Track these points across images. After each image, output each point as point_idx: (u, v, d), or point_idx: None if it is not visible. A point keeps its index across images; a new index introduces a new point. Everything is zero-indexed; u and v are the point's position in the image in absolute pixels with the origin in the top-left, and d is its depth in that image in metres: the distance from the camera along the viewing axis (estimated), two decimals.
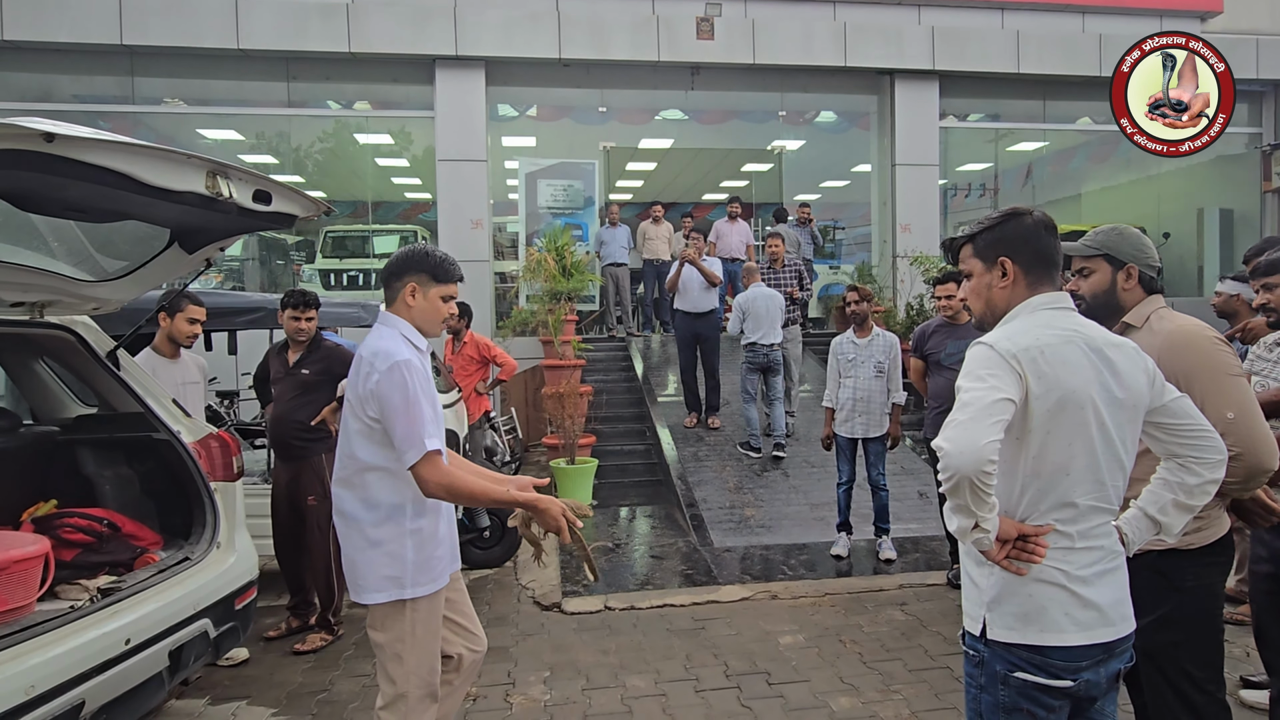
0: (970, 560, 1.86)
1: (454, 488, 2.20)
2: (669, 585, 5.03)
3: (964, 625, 1.88)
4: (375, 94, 11.21)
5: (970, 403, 1.63)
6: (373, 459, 2.26)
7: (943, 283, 4.96)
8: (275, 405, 4.28)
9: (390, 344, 2.26)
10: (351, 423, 2.30)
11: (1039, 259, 1.84)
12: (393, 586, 2.27)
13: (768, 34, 10.44)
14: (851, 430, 5.29)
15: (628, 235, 10.56)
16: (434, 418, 2.24)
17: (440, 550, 2.39)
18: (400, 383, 2.18)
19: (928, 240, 10.73)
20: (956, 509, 1.64)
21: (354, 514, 2.30)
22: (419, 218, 15.79)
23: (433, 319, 2.39)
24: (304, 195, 2.94)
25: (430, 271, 2.35)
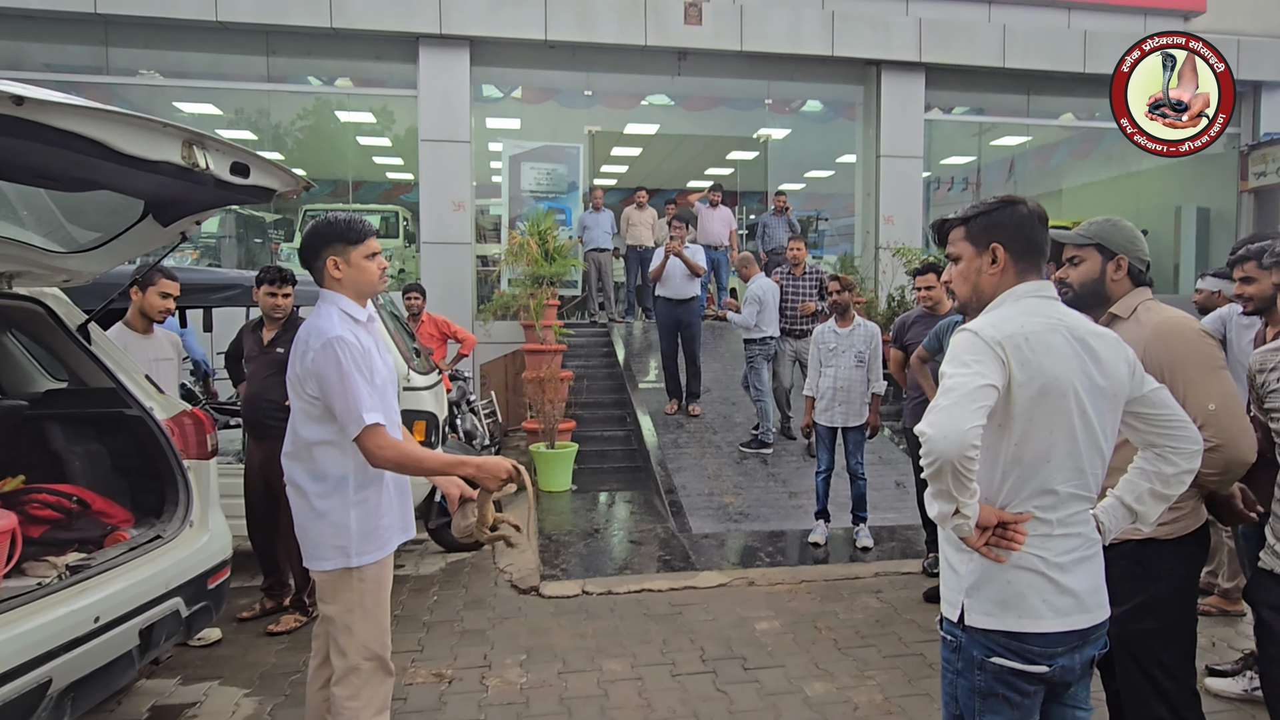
0: (949, 546, 1.87)
1: (400, 458, 2.26)
2: (647, 570, 5.04)
3: (942, 611, 1.89)
4: (357, 71, 11.03)
5: (954, 388, 1.63)
6: (316, 435, 2.32)
7: (923, 274, 4.97)
8: (249, 384, 4.22)
9: (324, 321, 2.30)
10: (294, 401, 2.35)
11: (1030, 248, 1.84)
12: (339, 555, 2.33)
13: (756, 21, 10.39)
14: (831, 419, 5.31)
15: (611, 220, 10.51)
16: (372, 391, 2.27)
17: (386, 519, 2.43)
18: (333, 359, 2.22)
19: (910, 232, 10.78)
20: (938, 494, 1.65)
21: (302, 485, 2.36)
22: (400, 198, 15.62)
23: (366, 281, 2.40)
24: (283, 169, 2.88)
25: (341, 237, 2.36)
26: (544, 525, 5.98)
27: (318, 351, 2.23)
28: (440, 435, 5.12)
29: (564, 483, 6.91)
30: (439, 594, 4.71)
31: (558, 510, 6.40)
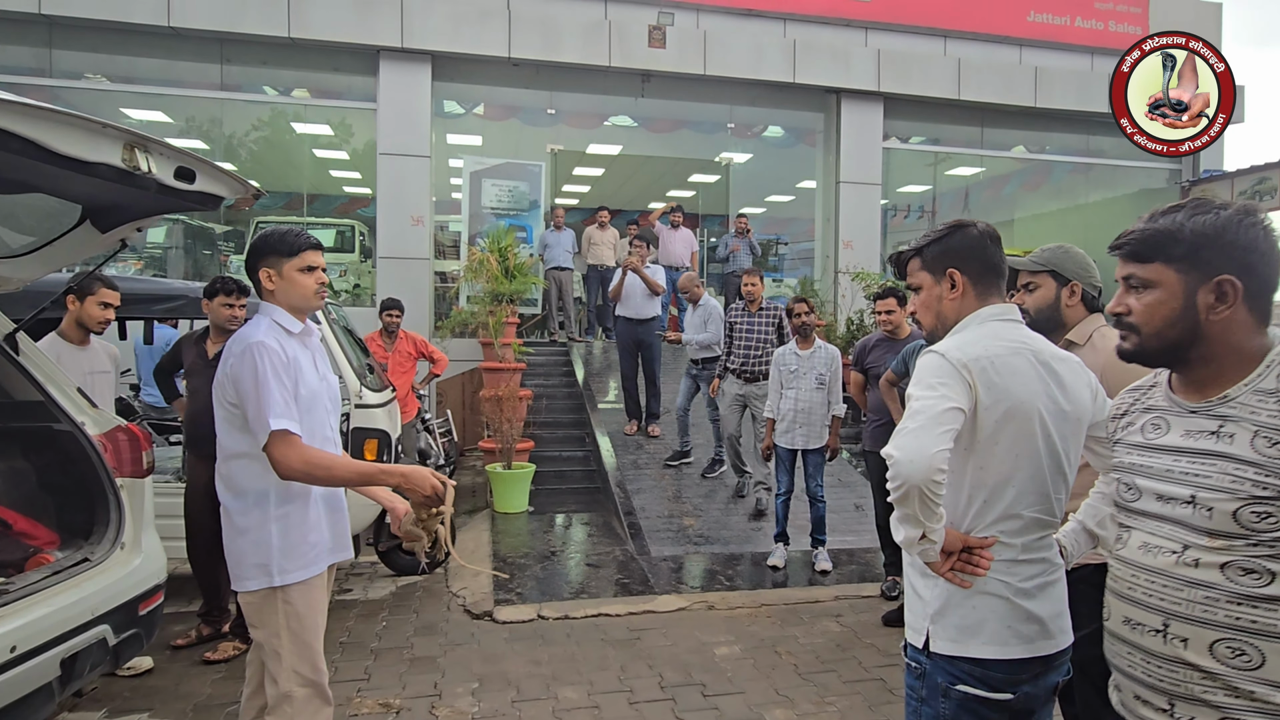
0: (914, 572, 1.83)
1: (309, 464, 2.16)
2: (604, 594, 4.94)
3: (906, 637, 1.86)
4: (315, 82, 10.86)
5: (920, 411, 1.61)
6: (236, 446, 2.27)
7: (883, 298, 5.01)
8: (192, 400, 4.03)
9: (250, 330, 2.27)
10: (218, 410, 2.30)
11: (986, 270, 1.83)
12: (261, 575, 2.25)
13: (719, 46, 10.52)
14: (791, 441, 5.30)
15: (572, 239, 10.47)
16: (288, 399, 2.19)
17: (313, 536, 2.33)
18: (250, 364, 2.17)
19: (869, 257, 10.95)
20: (904, 519, 1.61)
21: (227, 503, 2.32)
22: (357, 212, 15.39)
23: (300, 294, 2.34)
24: (232, 176, 2.77)
25: (275, 250, 2.32)
26: (499, 548, 5.85)
27: (238, 356, 2.19)
28: (393, 454, 4.97)
29: (521, 504, 6.78)
30: (388, 619, 4.55)
31: (514, 532, 6.26)
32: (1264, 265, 1.34)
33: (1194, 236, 1.35)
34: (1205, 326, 1.36)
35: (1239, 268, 1.33)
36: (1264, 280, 1.35)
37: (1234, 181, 11.28)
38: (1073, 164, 12.79)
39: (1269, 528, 1.26)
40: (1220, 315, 1.34)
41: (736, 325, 6.31)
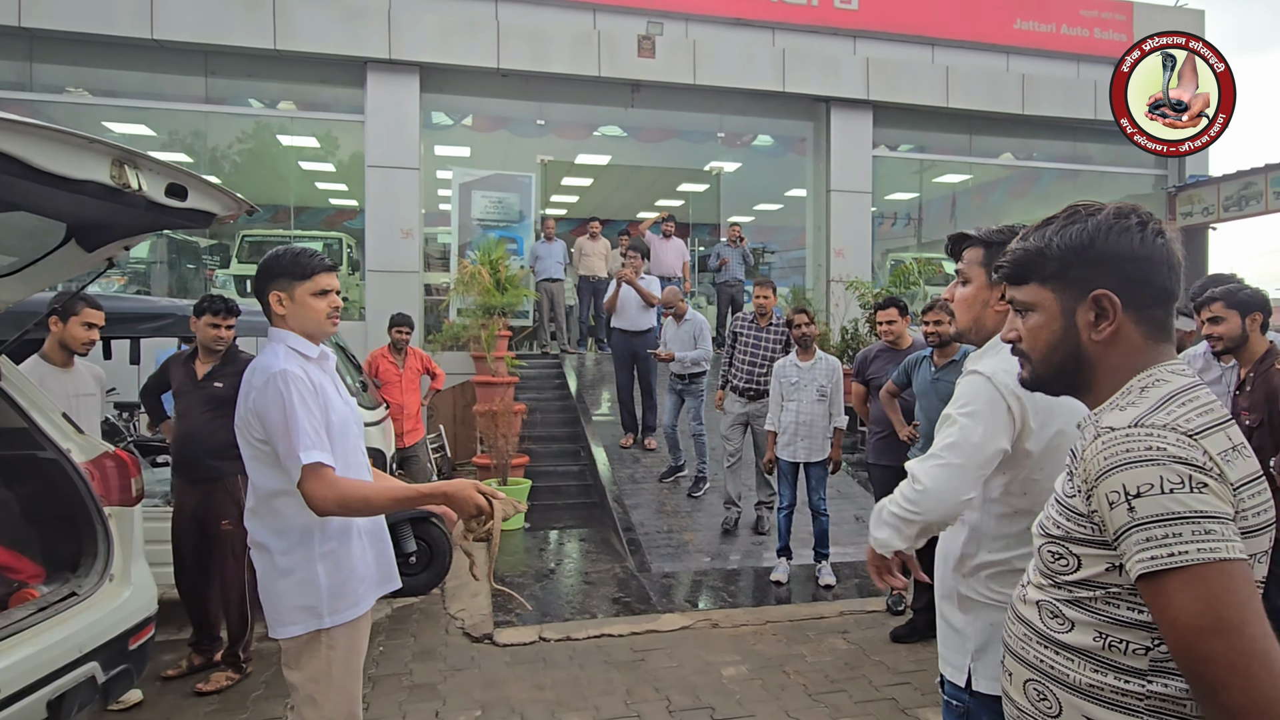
0: (950, 606, 1.76)
1: (344, 499, 2.00)
2: (606, 614, 4.83)
3: (943, 672, 1.78)
4: (301, 94, 10.74)
5: (962, 446, 1.54)
6: (271, 483, 2.09)
7: (884, 308, 4.96)
8: (180, 421, 3.91)
9: (268, 358, 2.11)
10: (245, 449, 2.12)
11: None
12: (308, 617, 2.09)
13: (708, 55, 10.50)
14: (794, 454, 5.23)
15: (563, 250, 10.38)
16: (319, 428, 2.05)
17: (360, 572, 2.18)
18: (276, 396, 2.02)
19: (860, 265, 10.94)
20: (897, 532, 1.57)
21: (265, 543, 2.13)
22: (344, 225, 15.25)
23: (313, 319, 2.18)
24: (224, 191, 2.67)
25: (286, 273, 2.16)
26: (496, 566, 5.72)
27: (259, 389, 2.03)
28: (388, 472, 4.85)
29: (517, 520, 6.66)
30: (385, 643, 4.42)
31: (511, 550, 6.15)
32: (1148, 272, 1.17)
33: (1062, 251, 1.21)
34: (1089, 348, 1.21)
35: (1117, 280, 1.17)
36: (1152, 290, 1.18)
37: (1219, 187, 11.37)
38: (1060, 170, 12.85)
39: (1060, 569, 1.16)
40: (1103, 334, 1.19)
41: (741, 337, 5.97)
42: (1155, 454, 1.02)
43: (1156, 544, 0.99)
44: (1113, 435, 1.07)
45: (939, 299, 4.44)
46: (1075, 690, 1.14)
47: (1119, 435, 1.06)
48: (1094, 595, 1.12)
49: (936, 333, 4.27)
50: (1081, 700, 1.13)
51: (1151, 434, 1.04)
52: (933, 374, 4.29)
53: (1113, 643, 1.10)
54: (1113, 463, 1.05)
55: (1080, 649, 1.14)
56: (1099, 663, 1.11)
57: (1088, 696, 1.13)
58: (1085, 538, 1.12)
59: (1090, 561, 1.12)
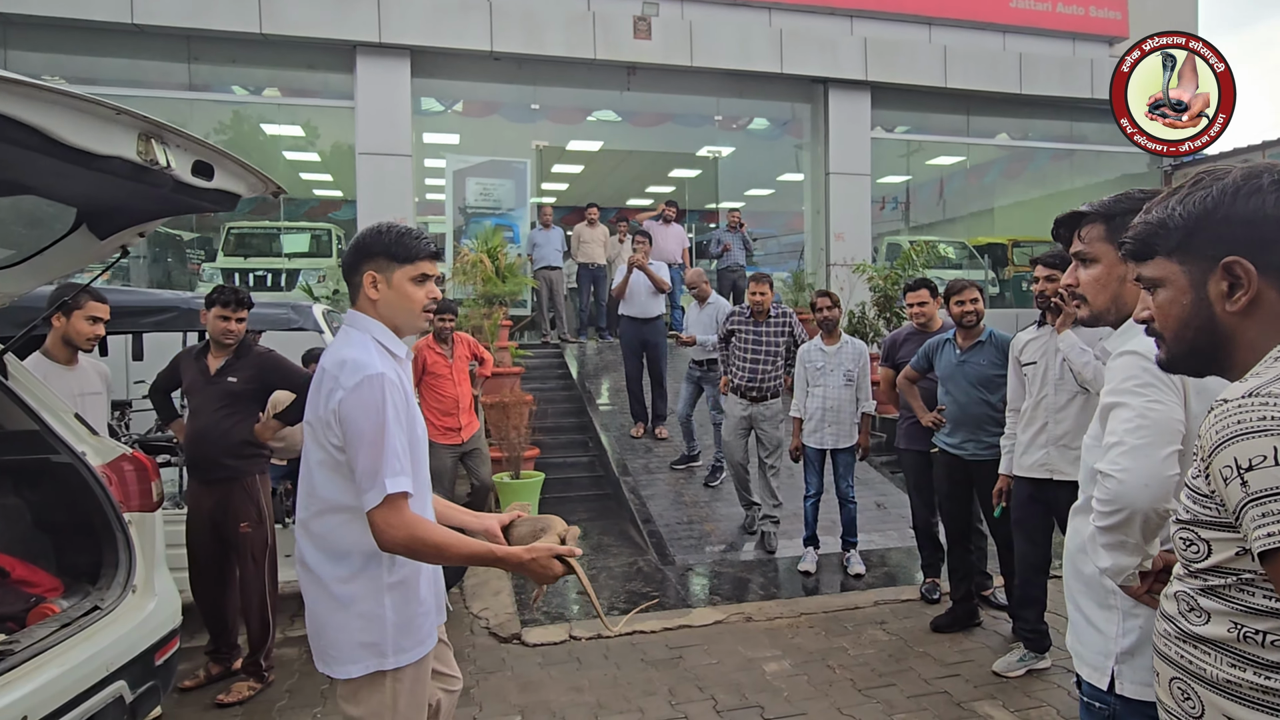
0: (1089, 601, 1.62)
1: (416, 541, 1.72)
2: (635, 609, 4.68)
3: (1079, 671, 1.64)
4: (288, 80, 10.44)
5: (1142, 424, 1.39)
6: (339, 497, 1.80)
7: (915, 289, 4.83)
8: (194, 419, 3.70)
9: (359, 352, 1.79)
10: (313, 451, 1.83)
11: None
12: (370, 656, 1.82)
13: (705, 36, 10.30)
14: (821, 441, 5.10)
15: (561, 238, 10.18)
16: (406, 450, 1.79)
17: (427, 604, 1.93)
18: (372, 403, 1.73)
19: (860, 248, 10.84)
20: (1118, 546, 1.40)
21: (318, 567, 1.83)
22: (329, 216, 14.93)
23: (408, 310, 1.90)
24: (252, 170, 2.48)
25: (386, 252, 1.87)
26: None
27: (350, 391, 1.74)
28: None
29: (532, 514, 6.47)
30: None
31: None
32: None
33: (1185, 220, 1.13)
34: (1224, 322, 1.11)
35: (1249, 245, 1.08)
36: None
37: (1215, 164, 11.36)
38: (1056, 150, 12.80)
39: (1192, 556, 1.09)
40: (1238, 305, 1.09)
41: (738, 334, 5.56)
42: (1268, 423, 0.94)
43: (1273, 519, 0.92)
44: (1225, 407, 1.01)
45: (964, 281, 4.31)
46: (1214, 687, 1.06)
47: (1231, 407, 1.00)
48: (1226, 583, 1.06)
49: (975, 311, 4.15)
50: (1221, 698, 1.05)
51: (1266, 403, 0.96)
52: (958, 356, 4.17)
53: (1248, 634, 1.03)
54: (1224, 435, 0.98)
55: (1216, 642, 1.06)
56: (1236, 656, 1.04)
57: (1227, 694, 1.05)
58: (1211, 520, 1.05)
59: (1220, 546, 1.05)
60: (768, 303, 5.52)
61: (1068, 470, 3.56)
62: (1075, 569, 1.68)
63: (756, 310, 5.51)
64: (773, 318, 5.52)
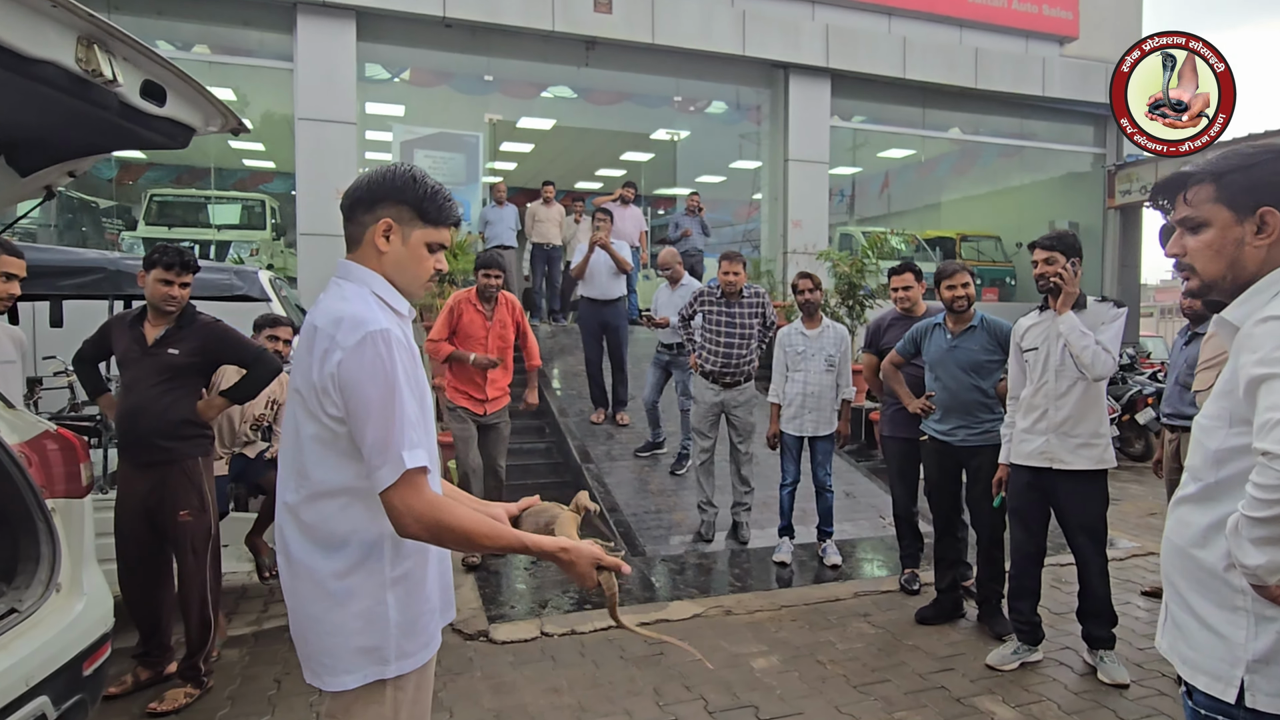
0: (1203, 602, 1.44)
1: (441, 525, 1.46)
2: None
3: (1193, 682, 1.47)
4: (219, 38, 9.73)
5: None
6: (336, 478, 1.52)
7: (899, 273, 4.70)
8: (127, 394, 3.27)
9: (359, 307, 1.52)
10: (304, 424, 1.53)
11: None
12: (370, 663, 1.55)
13: (667, 13, 10.03)
14: (800, 428, 4.94)
15: (515, 216, 9.80)
16: (422, 418, 1.53)
17: (433, 600, 1.66)
18: (376, 364, 1.46)
19: (818, 237, 10.77)
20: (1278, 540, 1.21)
21: (307, 560, 1.54)
22: (261, 187, 14.16)
23: (415, 277, 1.64)
24: (211, 99, 2.11)
25: (415, 205, 1.59)
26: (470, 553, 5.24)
27: (350, 351, 1.45)
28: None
29: None
30: None
31: None
32: None
33: None
34: None
35: None
36: None
37: (1157, 165, 11.69)
38: (1005, 146, 13.01)
39: None
40: None
41: (708, 316, 5.28)
42: None
43: None
44: None
45: (955, 263, 4.19)
46: None
47: None
48: None
49: (966, 296, 4.02)
50: None
51: None
52: (949, 341, 4.05)
53: None
54: None
55: None
56: None
57: None
58: None
59: None
60: (741, 283, 5.26)
61: (1068, 459, 3.48)
62: (1182, 565, 1.50)
63: (729, 290, 5.24)
64: (745, 298, 5.27)
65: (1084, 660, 3.66)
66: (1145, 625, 4.13)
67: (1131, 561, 5.18)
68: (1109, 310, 3.45)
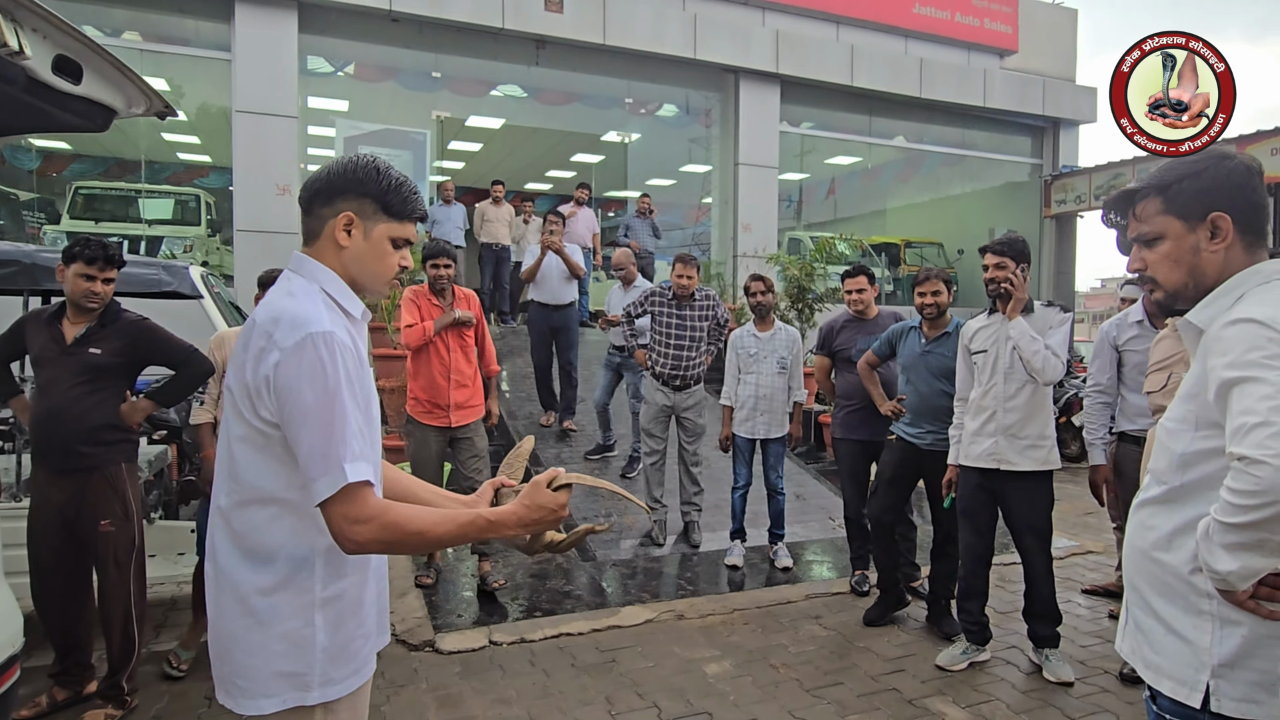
0: (1167, 606, 1.44)
1: (391, 532, 1.35)
2: (559, 610, 4.34)
3: (1157, 686, 1.46)
4: (152, 25, 9.33)
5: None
6: (268, 485, 1.41)
7: (853, 276, 4.72)
8: (43, 396, 3.06)
9: (304, 305, 1.41)
10: (234, 425, 1.43)
11: (1256, 213, 1.46)
12: (291, 688, 1.43)
13: (619, 15, 9.98)
14: (753, 430, 4.92)
15: (463, 215, 9.62)
16: (365, 428, 1.42)
17: (368, 624, 1.54)
18: (316, 368, 1.35)
19: (767, 240, 10.85)
20: (1257, 546, 1.20)
21: (234, 571, 1.43)
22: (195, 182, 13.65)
23: (377, 273, 1.52)
24: (134, 79, 1.97)
25: (379, 198, 1.49)
26: (415, 559, 5.08)
27: (288, 352, 1.35)
28: None
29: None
30: None
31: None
32: None
33: None
34: None
35: None
36: None
37: (1091, 177, 12.12)
38: (948, 155, 13.32)
39: None
40: None
41: (658, 317, 5.24)
42: None
43: None
44: None
45: (933, 269, 4.21)
46: None
47: None
48: None
49: (936, 304, 4.04)
50: None
51: None
52: (923, 346, 4.07)
53: None
54: None
55: None
56: None
57: None
58: None
59: None
60: (694, 286, 5.25)
61: (1015, 460, 3.52)
62: (1146, 569, 1.49)
63: (681, 293, 5.22)
64: (696, 301, 5.27)
65: (1030, 659, 3.71)
66: (1087, 623, 4.22)
67: (1071, 560, 5.31)
68: (1055, 315, 3.50)
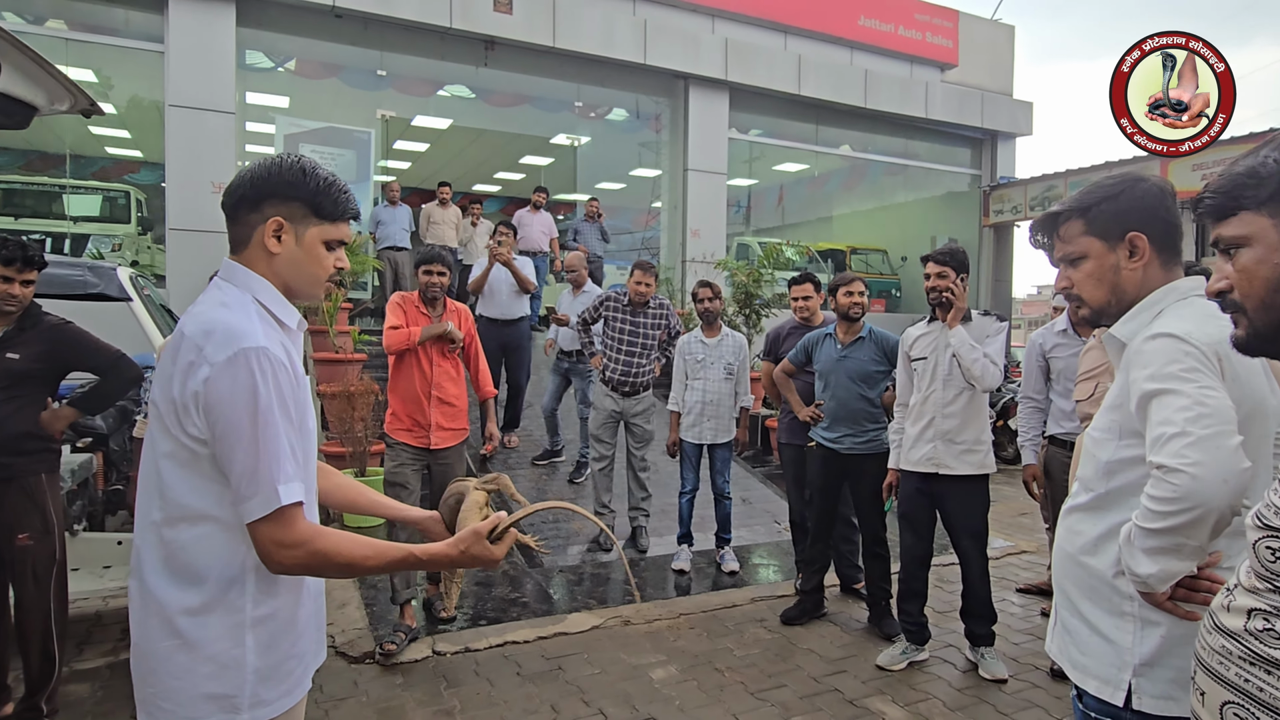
0: (1092, 608, 1.49)
1: (318, 558, 1.33)
2: (505, 618, 4.30)
3: (1081, 684, 1.51)
4: (78, 13, 8.93)
5: (1203, 412, 1.25)
6: (195, 502, 1.35)
7: (800, 283, 4.79)
8: None
9: (236, 317, 1.36)
10: (160, 441, 1.36)
11: (1171, 231, 1.54)
12: (218, 711, 1.37)
13: (569, 18, 9.95)
14: (699, 435, 4.95)
15: (409, 217, 9.47)
16: (299, 446, 1.38)
17: (302, 643, 1.48)
18: (249, 385, 1.31)
19: (715, 246, 10.94)
20: (1174, 550, 1.25)
21: (160, 590, 1.36)
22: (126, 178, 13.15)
23: (312, 277, 1.48)
24: (56, 75, 1.88)
25: (309, 201, 1.44)
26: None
27: (219, 368, 1.30)
28: None
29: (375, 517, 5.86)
30: None
31: None
32: None
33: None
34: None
35: None
36: None
37: (1026, 188, 12.55)
38: (891, 164, 13.63)
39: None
40: None
41: (611, 323, 5.26)
42: None
43: None
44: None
45: (851, 274, 4.31)
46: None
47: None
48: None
49: (860, 304, 4.14)
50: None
51: None
52: (839, 351, 4.16)
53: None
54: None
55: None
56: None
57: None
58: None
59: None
60: (651, 294, 5.29)
61: (953, 465, 3.62)
62: (1073, 573, 1.54)
63: (637, 300, 5.25)
64: (651, 309, 5.31)
65: (966, 657, 3.81)
66: (1020, 621, 4.35)
67: (1006, 560, 5.47)
68: (992, 324, 3.62)
